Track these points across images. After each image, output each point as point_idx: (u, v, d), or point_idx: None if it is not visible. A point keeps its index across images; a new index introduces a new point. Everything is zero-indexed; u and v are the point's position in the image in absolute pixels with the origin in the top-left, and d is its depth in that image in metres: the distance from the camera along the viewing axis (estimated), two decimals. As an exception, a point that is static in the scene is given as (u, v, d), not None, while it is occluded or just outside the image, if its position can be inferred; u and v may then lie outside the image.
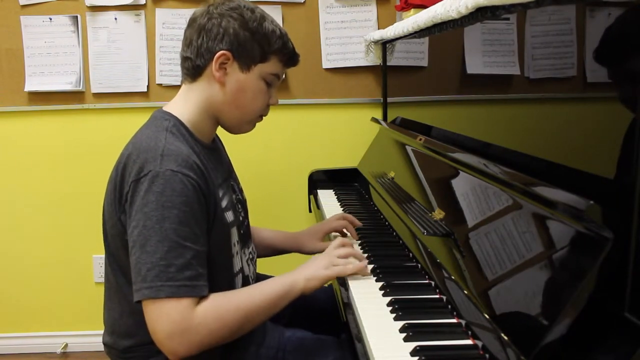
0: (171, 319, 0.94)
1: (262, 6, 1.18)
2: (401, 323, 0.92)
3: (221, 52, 1.09)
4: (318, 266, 1.10)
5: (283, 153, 2.24)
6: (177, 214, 0.96)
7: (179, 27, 2.13)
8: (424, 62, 1.70)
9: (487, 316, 0.83)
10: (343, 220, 1.42)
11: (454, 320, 0.93)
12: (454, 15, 1.11)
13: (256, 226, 1.43)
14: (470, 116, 1.34)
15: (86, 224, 2.24)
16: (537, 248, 0.82)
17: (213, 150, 1.19)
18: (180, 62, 1.16)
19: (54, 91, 2.16)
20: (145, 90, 2.17)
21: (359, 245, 1.33)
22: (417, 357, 0.81)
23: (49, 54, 2.14)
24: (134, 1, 2.11)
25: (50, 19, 2.13)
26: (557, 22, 0.92)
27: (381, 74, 2.10)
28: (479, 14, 1.05)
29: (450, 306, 0.97)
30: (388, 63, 2.02)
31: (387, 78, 2.07)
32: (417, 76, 1.79)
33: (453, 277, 0.99)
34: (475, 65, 1.28)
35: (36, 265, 2.28)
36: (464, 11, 1.05)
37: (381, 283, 1.08)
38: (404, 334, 0.88)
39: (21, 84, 2.15)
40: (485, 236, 0.97)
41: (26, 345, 2.31)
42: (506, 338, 0.76)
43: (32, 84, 2.15)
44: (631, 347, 0.64)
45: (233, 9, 1.10)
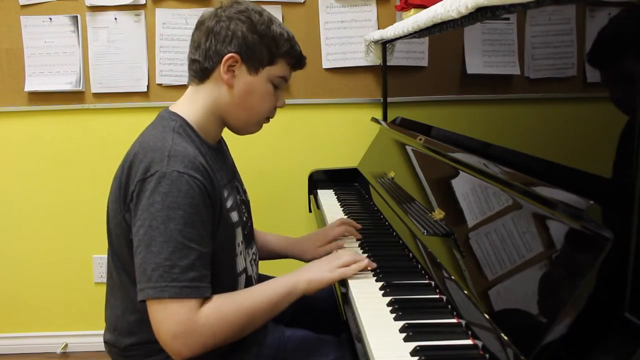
0: (176, 320, 0.94)
1: (262, 6, 1.18)
2: (401, 323, 0.92)
3: (230, 55, 1.09)
4: (321, 269, 1.10)
5: (283, 153, 2.24)
6: (183, 215, 0.96)
7: (179, 27, 2.13)
8: (424, 62, 1.70)
9: (487, 316, 0.83)
10: (343, 226, 1.41)
11: (454, 320, 0.93)
12: (454, 15, 1.11)
13: (259, 230, 1.44)
14: (470, 116, 1.34)
15: (86, 224, 2.24)
16: (537, 248, 0.82)
17: (218, 151, 1.19)
18: (187, 64, 1.15)
19: (54, 91, 2.16)
20: (145, 90, 2.16)
21: (359, 245, 1.33)
22: (417, 357, 0.81)
23: (49, 54, 2.14)
24: (134, 1, 2.11)
25: (50, 19, 2.13)
26: (557, 22, 0.92)
27: (381, 74, 2.10)
28: (479, 14, 1.05)
29: (450, 306, 0.97)
30: (388, 63, 2.02)
31: (387, 78, 2.07)
32: (417, 76, 1.79)
33: (453, 277, 0.99)
34: (475, 65, 1.28)
35: (36, 265, 2.28)
36: (464, 11, 1.05)
37: (381, 283, 1.08)
38: (404, 334, 0.88)
39: (21, 84, 2.15)
40: (485, 236, 0.97)
41: (26, 345, 2.31)
42: (506, 338, 0.76)
43: (32, 84, 2.15)
44: (631, 347, 0.64)
45: (241, 12, 1.11)
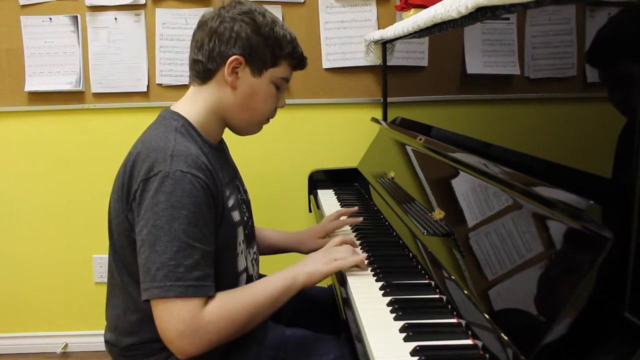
0: (181, 319, 0.94)
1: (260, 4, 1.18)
2: (401, 323, 0.92)
3: (234, 57, 1.09)
4: (318, 261, 1.11)
5: (283, 153, 2.24)
6: (187, 215, 0.96)
7: (179, 27, 2.13)
8: (424, 62, 1.70)
9: (487, 316, 0.83)
10: (338, 219, 1.46)
11: (454, 320, 0.93)
12: (454, 15, 1.11)
13: (258, 226, 1.44)
14: (470, 116, 1.34)
15: (86, 224, 2.24)
16: (537, 248, 0.82)
17: (220, 151, 1.19)
18: (189, 64, 1.15)
19: (54, 91, 2.16)
20: (145, 90, 2.16)
21: (359, 245, 1.33)
22: (417, 357, 0.81)
23: (49, 54, 2.14)
24: (134, 1, 2.11)
25: (50, 19, 2.13)
26: (557, 22, 0.92)
27: (381, 74, 2.10)
28: (479, 14, 1.05)
29: (450, 306, 0.97)
30: (388, 63, 2.02)
31: (387, 78, 2.07)
32: (417, 76, 1.79)
33: (453, 277, 0.99)
34: (475, 65, 1.28)
35: (36, 265, 2.28)
36: (464, 11, 1.05)
37: (381, 283, 1.08)
38: (404, 334, 0.88)
39: (21, 84, 2.15)
40: (485, 236, 0.97)
41: (26, 345, 2.31)
42: (506, 338, 0.76)
43: (32, 84, 2.15)
44: (631, 347, 0.64)
45: (245, 13, 1.10)
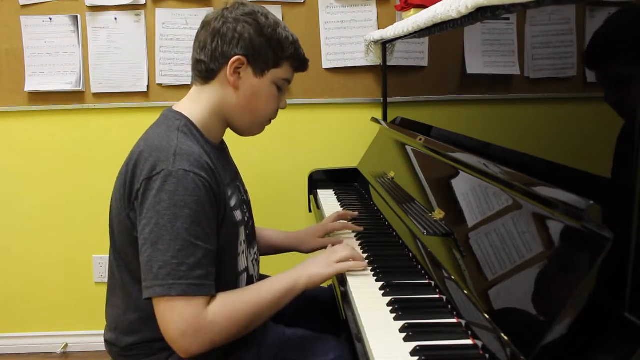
0: (184, 318, 0.95)
1: (263, 6, 1.18)
2: (401, 323, 0.92)
3: (236, 58, 1.09)
4: (320, 264, 1.11)
5: (283, 153, 2.24)
6: (190, 214, 0.97)
7: (179, 27, 2.13)
8: (424, 62, 1.70)
9: (487, 316, 0.83)
10: (339, 221, 1.47)
11: (454, 320, 0.93)
12: (454, 15, 1.11)
13: (258, 226, 1.44)
14: (470, 116, 1.34)
15: (86, 224, 2.24)
16: (537, 248, 0.82)
17: (221, 151, 1.20)
18: (192, 64, 1.15)
19: (54, 91, 2.16)
20: (145, 90, 2.16)
21: (359, 245, 1.33)
22: (417, 357, 0.81)
23: (49, 54, 2.14)
24: (134, 1, 2.11)
25: (50, 19, 2.13)
26: (557, 22, 0.92)
27: (381, 74, 2.10)
28: (479, 14, 1.05)
29: (450, 306, 0.97)
30: (388, 63, 2.02)
31: (387, 78, 2.07)
32: (417, 76, 1.79)
33: (453, 277, 0.99)
34: (475, 65, 1.28)
35: (36, 265, 2.28)
36: (464, 11, 1.05)
37: (381, 283, 1.08)
38: (404, 334, 0.88)
39: (21, 84, 2.15)
40: (485, 236, 0.97)
41: (26, 345, 2.31)
42: (506, 338, 0.76)
43: (32, 84, 2.15)
44: (631, 347, 0.64)
45: (248, 14, 1.11)
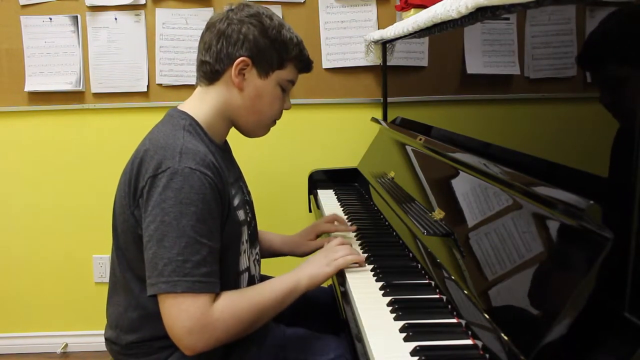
0: (190, 315, 0.95)
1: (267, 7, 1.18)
2: (401, 323, 0.92)
3: (241, 59, 1.10)
4: (319, 264, 1.12)
5: (283, 153, 2.24)
6: (195, 211, 0.97)
7: (179, 27, 2.13)
8: (424, 62, 1.70)
9: (487, 316, 0.83)
10: (332, 223, 1.47)
11: (454, 320, 0.93)
12: (454, 15, 1.11)
13: (260, 229, 1.44)
14: (470, 116, 1.34)
15: (86, 224, 2.25)
16: (537, 248, 0.82)
17: (225, 151, 1.20)
18: (196, 65, 1.16)
19: (54, 91, 2.16)
20: (145, 90, 2.16)
21: (359, 245, 1.33)
22: (417, 357, 0.81)
23: (49, 54, 2.14)
24: (134, 1, 2.11)
25: (50, 19, 2.13)
26: (557, 22, 0.92)
27: (381, 74, 2.10)
28: (479, 14, 1.05)
29: (450, 306, 0.97)
30: (388, 63, 2.02)
31: (387, 78, 2.07)
32: (417, 76, 1.79)
33: (453, 277, 0.99)
34: (475, 65, 1.28)
35: (36, 265, 2.28)
36: (464, 11, 1.05)
37: (381, 283, 1.08)
38: (404, 334, 0.88)
39: (21, 84, 2.15)
40: (485, 236, 0.97)
41: (26, 345, 2.32)
42: (506, 338, 0.76)
43: (32, 84, 2.15)
44: (631, 347, 0.64)
45: (252, 16, 1.11)
